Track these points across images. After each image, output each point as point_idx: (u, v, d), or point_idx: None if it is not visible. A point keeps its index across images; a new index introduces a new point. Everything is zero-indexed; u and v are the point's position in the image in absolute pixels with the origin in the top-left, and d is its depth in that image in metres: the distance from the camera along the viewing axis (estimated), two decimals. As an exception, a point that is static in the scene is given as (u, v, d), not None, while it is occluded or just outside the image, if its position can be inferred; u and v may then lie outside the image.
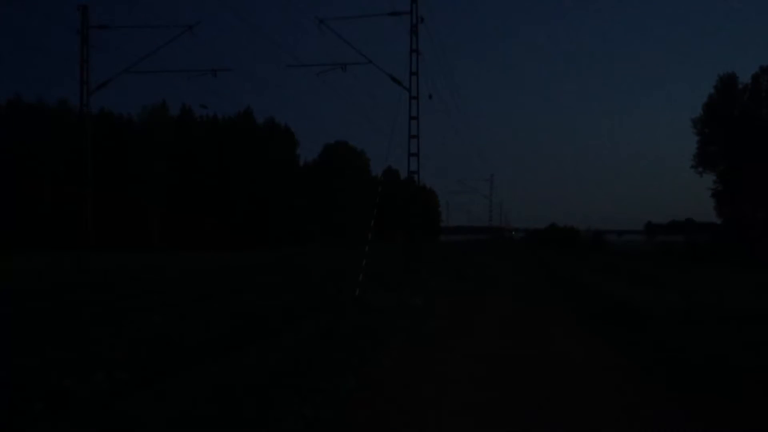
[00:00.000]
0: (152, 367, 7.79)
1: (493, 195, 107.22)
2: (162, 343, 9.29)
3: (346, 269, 22.31)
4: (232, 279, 23.14)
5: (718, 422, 6.22)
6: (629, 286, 21.17)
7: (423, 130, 27.44)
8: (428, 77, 51.51)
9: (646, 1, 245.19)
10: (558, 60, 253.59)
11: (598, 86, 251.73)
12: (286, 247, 63.48)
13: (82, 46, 26.61)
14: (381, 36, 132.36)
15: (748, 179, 53.73)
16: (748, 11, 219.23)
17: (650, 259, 46.89)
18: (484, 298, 18.53)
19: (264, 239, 67.68)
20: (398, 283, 19.37)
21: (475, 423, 6.17)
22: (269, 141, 74.37)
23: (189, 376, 7.37)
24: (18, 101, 60.03)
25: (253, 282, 21.47)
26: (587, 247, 71.53)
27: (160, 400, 6.30)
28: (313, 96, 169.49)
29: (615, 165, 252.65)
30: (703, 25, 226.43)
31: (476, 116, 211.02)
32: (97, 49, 27.37)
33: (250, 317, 12.31)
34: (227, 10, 64.69)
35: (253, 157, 69.89)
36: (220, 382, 7.00)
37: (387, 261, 28.01)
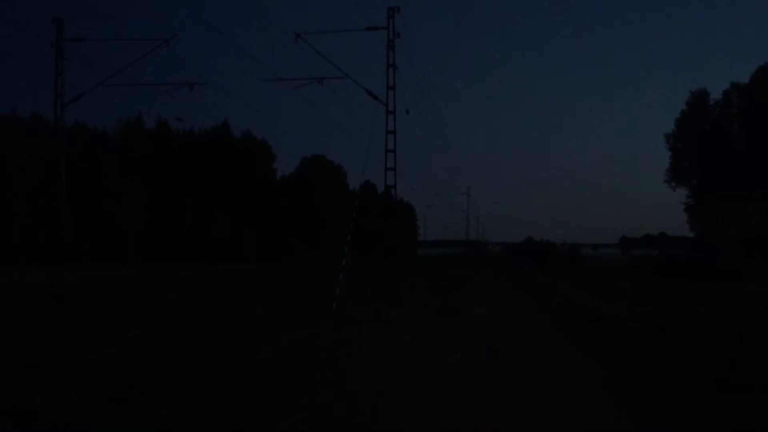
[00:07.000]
0: (127, 383, 7.71)
1: (470, 209, 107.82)
2: (135, 359, 9.22)
3: (323, 283, 22.26)
4: (209, 294, 22.93)
5: None
6: (605, 299, 21.50)
7: (400, 144, 27.66)
8: (405, 92, 52.06)
9: (619, 18, 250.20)
10: (534, 75, 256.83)
11: (573, 101, 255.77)
12: (265, 261, 63.08)
13: (57, 59, 26.35)
14: (358, 50, 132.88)
15: (719, 194, 54.79)
16: (719, 27, 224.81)
17: (625, 272, 47.50)
18: (462, 312, 18.60)
19: (242, 253, 67.24)
20: (375, 297, 19.39)
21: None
22: (246, 155, 74.16)
23: (163, 391, 7.31)
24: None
25: (232, 296, 21.32)
26: (563, 261, 72.27)
27: (134, 417, 6.25)
28: (290, 110, 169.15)
29: (590, 179, 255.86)
30: (675, 41, 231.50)
31: (453, 130, 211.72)
32: (72, 61, 27.10)
33: (225, 333, 12.23)
34: (204, 23, 64.58)
35: (230, 171, 69.62)
36: (195, 398, 6.96)
37: (364, 274, 28.00)
